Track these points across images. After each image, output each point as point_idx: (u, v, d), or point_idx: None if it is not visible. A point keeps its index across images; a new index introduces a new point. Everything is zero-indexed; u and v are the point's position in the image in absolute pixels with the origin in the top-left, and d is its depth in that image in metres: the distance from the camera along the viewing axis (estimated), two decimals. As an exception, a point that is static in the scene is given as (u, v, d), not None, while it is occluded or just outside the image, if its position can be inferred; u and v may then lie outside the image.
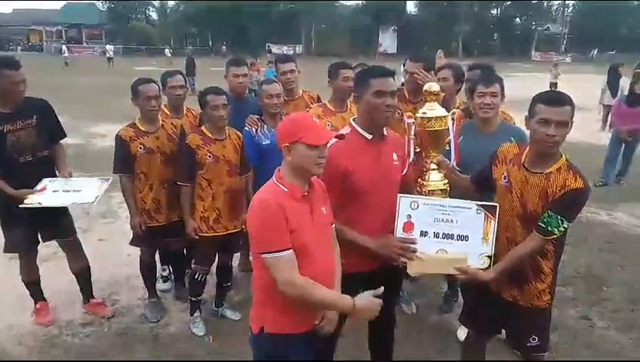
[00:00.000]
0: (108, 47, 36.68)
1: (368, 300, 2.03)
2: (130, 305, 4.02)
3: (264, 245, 1.94)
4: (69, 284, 3.97)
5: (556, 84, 16.36)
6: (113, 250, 4.88)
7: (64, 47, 36.43)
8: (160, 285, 4.27)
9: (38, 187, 3.39)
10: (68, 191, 3.44)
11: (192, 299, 3.67)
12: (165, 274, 4.38)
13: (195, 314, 3.68)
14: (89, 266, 3.88)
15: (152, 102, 3.48)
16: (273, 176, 2.08)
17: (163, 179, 3.61)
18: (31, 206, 3.29)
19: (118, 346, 3.48)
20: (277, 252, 1.92)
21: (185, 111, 3.95)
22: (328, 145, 2.05)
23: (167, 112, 3.88)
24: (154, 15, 60.50)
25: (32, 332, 3.61)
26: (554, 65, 18.78)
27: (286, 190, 2.01)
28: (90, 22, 54.99)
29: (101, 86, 20.22)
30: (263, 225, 1.95)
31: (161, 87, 3.71)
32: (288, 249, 1.94)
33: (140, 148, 3.51)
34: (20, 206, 3.27)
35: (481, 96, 3.02)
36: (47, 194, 3.40)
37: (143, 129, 3.55)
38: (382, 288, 2.08)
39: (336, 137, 2.11)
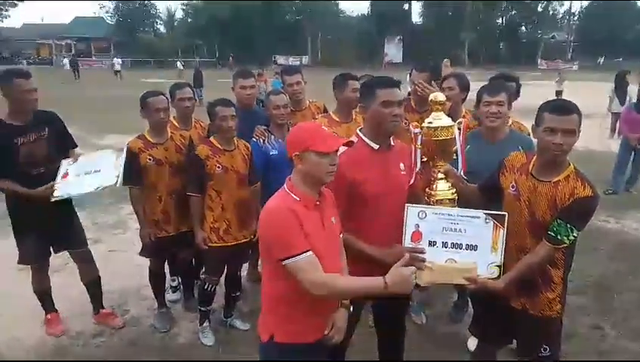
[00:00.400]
0: (115, 60, 36.65)
1: (399, 274, 1.93)
2: (140, 315, 4.04)
3: (284, 250, 1.93)
4: (79, 295, 3.99)
5: (561, 92, 16.32)
6: (123, 260, 4.92)
7: (65, 60, 37.16)
8: (169, 295, 4.30)
9: (61, 173, 3.41)
10: (89, 172, 3.43)
11: (202, 309, 3.68)
12: (174, 284, 4.40)
13: (204, 325, 3.70)
14: (99, 277, 3.91)
15: (161, 114, 3.53)
16: (284, 185, 2.09)
17: (171, 190, 3.64)
18: (62, 198, 3.33)
19: (128, 357, 3.49)
20: (299, 255, 1.92)
21: (193, 123, 3.99)
22: (338, 153, 2.07)
23: (176, 124, 3.91)
24: (161, 28, 61.29)
25: (42, 343, 3.64)
26: (558, 74, 18.76)
27: (298, 199, 2.02)
28: (98, 35, 55.72)
29: (109, 98, 20.39)
30: (280, 231, 1.95)
31: (169, 99, 3.76)
32: (309, 250, 1.94)
33: (149, 159, 3.55)
34: (52, 200, 3.29)
35: (487, 105, 3.03)
36: (71, 180, 3.40)
37: (152, 140, 3.59)
38: (407, 256, 2.02)
39: (345, 145, 2.12)
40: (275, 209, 2.00)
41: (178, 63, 34.23)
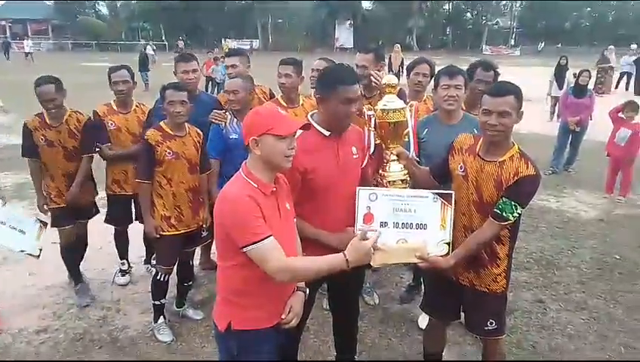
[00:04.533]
0: (26, 42, 33.08)
1: (357, 247, 1.94)
2: (85, 308, 3.88)
3: (246, 237, 1.89)
4: (22, 290, 3.81)
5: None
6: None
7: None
8: (118, 279, 4.25)
9: None
10: (14, 228, 3.56)
11: (155, 302, 3.53)
12: (124, 268, 4.29)
13: (159, 321, 3.56)
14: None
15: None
16: (240, 171, 2.05)
17: (65, 172, 3.76)
18: None
19: (76, 352, 3.37)
20: (262, 241, 1.89)
21: (134, 107, 3.98)
22: (295, 137, 2.04)
23: (115, 107, 3.94)
24: (104, 9, 58.40)
25: (-19, 342, 3.45)
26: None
27: (255, 185, 1.99)
28: (36, 17, 52.52)
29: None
30: (241, 219, 1.91)
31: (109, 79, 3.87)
32: (270, 235, 1.91)
33: (42, 139, 3.67)
34: None
35: (446, 89, 3.08)
36: None
37: (48, 122, 3.69)
38: (364, 230, 2.06)
39: (302, 128, 2.09)
40: (233, 196, 1.95)
41: (148, 47, 29.35)
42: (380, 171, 2.63)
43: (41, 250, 3.61)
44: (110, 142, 3.88)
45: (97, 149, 3.88)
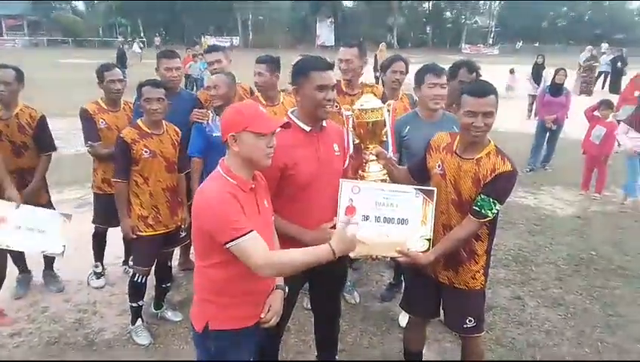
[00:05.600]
0: None
1: (342, 237, 1.97)
2: (59, 311, 3.80)
3: (228, 233, 1.86)
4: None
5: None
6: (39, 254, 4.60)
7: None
8: (93, 282, 4.18)
9: None
10: (32, 229, 3.35)
11: (133, 305, 3.45)
12: (98, 270, 4.21)
13: (137, 323, 3.49)
14: (4, 278, 3.63)
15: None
16: (218, 168, 2.02)
17: (15, 168, 3.63)
18: None
19: (50, 356, 3.29)
20: (245, 235, 1.86)
21: (122, 105, 3.95)
22: (275, 135, 2.02)
23: (104, 106, 3.89)
24: (80, 5, 57.25)
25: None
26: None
27: (234, 182, 1.96)
28: (10, 12, 51.21)
29: None
30: (222, 215, 1.87)
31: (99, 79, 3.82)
32: (253, 230, 1.89)
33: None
34: None
35: (432, 87, 3.08)
36: (11, 230, 3.31)
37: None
38: (345, 223, 2.06)
39: (282, 126, 2.07)
40: (213, 193, 1.92)
41: (135, 45, 28.45)
42: (360, 171, 2.63)
43: (65, 246, 3.46)
44: (100, 140, 3.80)
45: (89, 148, 3.82)
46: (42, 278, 4.11)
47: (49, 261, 4.06)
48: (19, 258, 3.90)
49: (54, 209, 3.94)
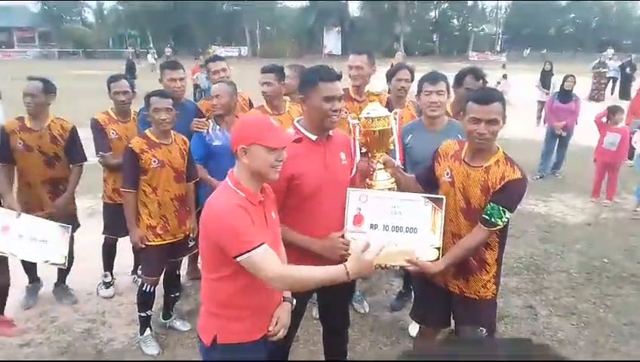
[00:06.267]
0: None
1: (360, 261, 1.88)
2: (68, 321, 3.80)
3: (239, 246, 1.85)
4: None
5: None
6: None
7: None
8: (102, 291, 4.18)
9: (1, 223, 3.30)
10: (35, 239, 3.38)
11: (141, 314, 3.44)
12: (107, 280, 4.21)
13: (145, 333, 3.47)
14: (9, 284, 3.62)
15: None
16: (227, 180, 2.01)
17: (44, 179, 3.71)
18: (2, 254, 3.27)
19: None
20: (256, 248, 1.84)
21: (132, 115, 4.00)
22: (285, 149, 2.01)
23: (114, 116, 3.93)
24: (90, 17, 58.04)
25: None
26: (503, 66, 19.56)
27: (243, 195, 1.95)
28: (21, 24, 52.04)
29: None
30: (233, 229, 1.86)
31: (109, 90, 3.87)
32: (264, 243, 1.87)
33: (19, 143, 3.60)
34: None
35: (428, 95, 3.08)
36: (13, 238, 3.33)
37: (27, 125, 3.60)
38: (365, 241, 1.97)
39: (294, 141, 2.07)
40: (223, 207, 1.91)
41: (149, 56, 27.83)
42: (367, 180, 2.61)
43: (66, 257, 3.51)
44: (111, 150, 3.83)
45: (100, 158, 3.85)
46: (54, 292, 4.09)
47: (62, 274, 4.06)
48: (30, 267, 3.90)
49: (78, 223, 4.00)
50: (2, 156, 3.60)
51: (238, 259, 1.86)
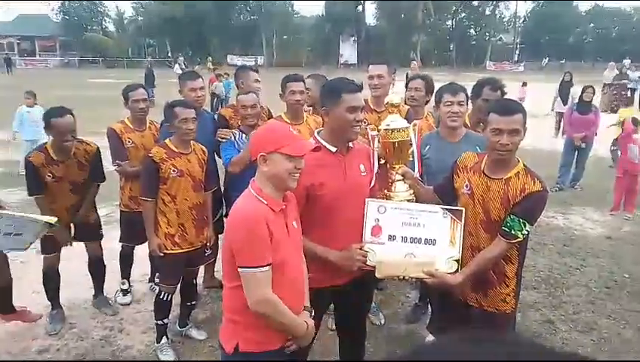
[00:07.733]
0: None
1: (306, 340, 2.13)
2: (86, 327, 3.84)
3: (249, 259, 1.89)
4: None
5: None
6: (68, 270, 4.66)
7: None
8: (120, 298, 4.20)
9: None
10: (9, 234, 3.14)
11: (158, 322, 3.47)
12: (125, 287, 4.25)
13: (162, 341, 3.49)
14: (11, 283, 3.68)
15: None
16: (250, 188, 2.04)
17: (71, 204, 3.67)
18: None
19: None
20: (257, 267, 1.88)
21: (148, 124, 4.02)
22: (304, 157, 2.03)
23: (130, 125, 3.95)
24: (110, 26, 59.20)
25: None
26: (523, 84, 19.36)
27: (265, 203, 1.97)
28: (43, 34, 53.29)
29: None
30: (250, 240, 1.89)
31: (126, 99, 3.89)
32: (269, 264, 1.90)
33: (49, 175, 3.54)
34: None
35: (449, 105, 3.07)
36: None
37: (53, 157, 3.53)
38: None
39: (313, 150, 2.09)
40: (247, 214, 1.94)
41: (176, 66, 26.84)
42: (385, 191, 2.61)
43: (31, 243, 3.21)
44: (128, 159, 3.88)
45: (116, 167, 3.89)
46: (93, 304, 4.10)
47: (99, 286, 4.09)
48: (53, 295, 3.86)
49: (101, 234, 4.04)
50: (37, 189, 3.53)
51: (239, 268, 1.90)
